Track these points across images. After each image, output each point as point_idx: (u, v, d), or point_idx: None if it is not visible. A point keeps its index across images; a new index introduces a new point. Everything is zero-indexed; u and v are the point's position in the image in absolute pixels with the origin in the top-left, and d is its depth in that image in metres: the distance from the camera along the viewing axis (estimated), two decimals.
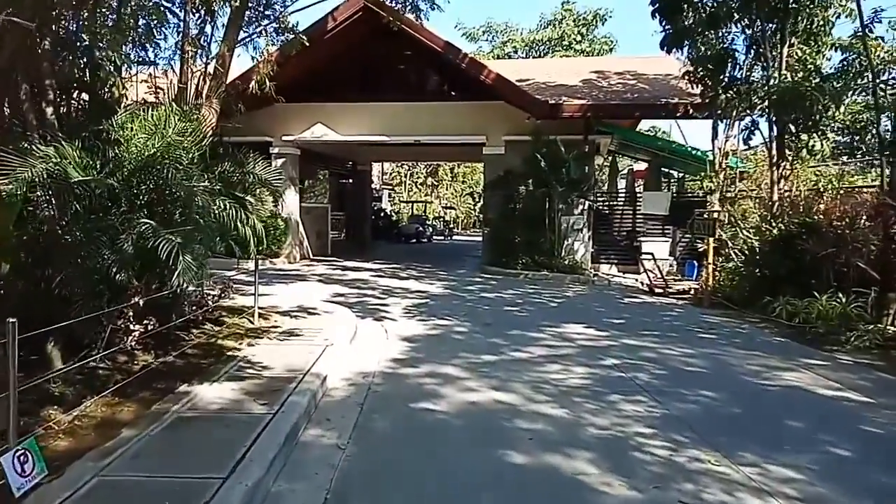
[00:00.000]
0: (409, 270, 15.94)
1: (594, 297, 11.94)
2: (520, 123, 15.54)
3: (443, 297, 11.35)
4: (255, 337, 7.03)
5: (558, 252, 15.02)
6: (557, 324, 8.71)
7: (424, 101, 16.59)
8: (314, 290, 11.75)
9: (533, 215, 15.02)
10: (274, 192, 8.62)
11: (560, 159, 14.38)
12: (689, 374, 6.26)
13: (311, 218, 19.01)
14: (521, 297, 11.40)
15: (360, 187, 23.69)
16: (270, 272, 15.02)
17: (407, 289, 12.32)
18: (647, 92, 15.20)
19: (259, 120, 17.24)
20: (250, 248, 6.74)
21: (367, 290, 12.09)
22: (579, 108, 14.29)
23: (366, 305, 10.18)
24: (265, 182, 7.54)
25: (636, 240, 15.90)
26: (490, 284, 13.32)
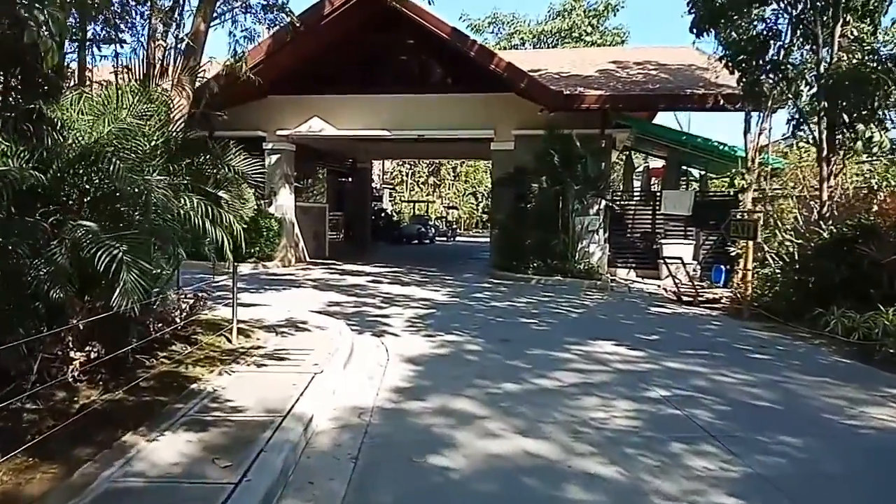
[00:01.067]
0: (411, 275, 14.83)
1: (616, 306, 10.81)
2: (531, 117, 14.43)
3: (450, 307, 10.23)
4: (230, 361, 5.90)
5: (572, 255, 13.91)
6: (583, 340, 7.58)
7: (428, 94, 15.48)
8: (307, 299, 10.64)
9: (545, 215, 13.92)
10: (258, 188, 7.57)
11: (575, 155, 13.26)
12: (757, 411, 5.13)
13: (308, 218, 17.90)
14: (537, 307, 10.28)
15: (360, 186, 22.59)
16: (262, 277, 13.92)
17: (410, 296, 11.20)
18: (670, 82, 14.07)
19: (251, 113, 16.15)
20: (226, 252, 5.59)
21: (366, 297, 10.98)
22: (597, 98, 13.16)
23: (364, 317, 9.07)
24: (245, 176, 6.42)
25: (656, 242, 14.78)
26: (500, 291, 12.20)
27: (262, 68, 14.54)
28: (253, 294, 11.17)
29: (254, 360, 5.95)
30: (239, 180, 6.53)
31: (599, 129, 14.12)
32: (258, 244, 15.27)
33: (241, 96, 15.38)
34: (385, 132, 15.50)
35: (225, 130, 16.32)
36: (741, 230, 9.72)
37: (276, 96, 15.99)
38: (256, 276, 14.00)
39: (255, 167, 6.69)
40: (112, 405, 4.52)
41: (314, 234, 18.54)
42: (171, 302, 6.32)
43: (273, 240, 15.55)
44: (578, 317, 9.52)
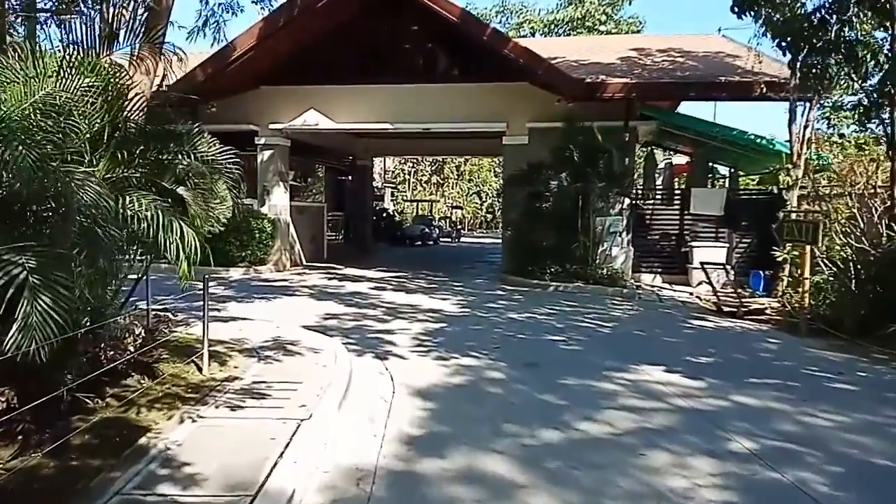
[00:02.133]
0: (417, 280, 13.62)
1: (650, 318, 9.60)
2: (547, 108, 13.22)
3: (462, 319, 9.03)
4: (196, 400, 4.69)
5: (593, 259, 12.70)
6: (625, 364, 6.38)
7: (435, 83, 14.27)
8: (301, 310, 9.44)
9: (563, 216, 12.68)
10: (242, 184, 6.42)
11: (597, 149, 12.04)
12: (879, 474, 3.93)
13: (304, 219, 16.71)
14: (560, 319, 9.07)
15: (361, 185, 21.39)
16: (253, 283, 12.72)
17: (416, 306, 9.99)
18: (700, 70, 12.85)
19: (242, 105, 14.94)
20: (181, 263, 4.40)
21: (367, 308, 9.78)
22: (622, 87, 11.94)
23: (365, 333, 7.86)
24: (217, 168, 5.23)
25: (684, 245, 13.56)
26: (516, 300, 10.99)
27: (253, 55, 13.40)
28: (240, 304, 9.99)
29: (226, 399, 4.73)
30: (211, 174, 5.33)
31: (623, 120, 12.89)
32: (249, 247, 14.09)
33: (231, 86, 14.22)
34: (387, 125, 14.29)
35: (213, 124, 15.07)
36: (797, 232, 8.50)
37: (269, 87, 14.81)
38: (247, 283, 12.80)
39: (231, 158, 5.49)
40: (26, 475, 3.32)
41: (311, 235, 17.34)
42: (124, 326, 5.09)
43: (266, 242, 14.36)
44: (611, 332, 8.30)
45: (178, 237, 4.19)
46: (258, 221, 14.16)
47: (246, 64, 13.51)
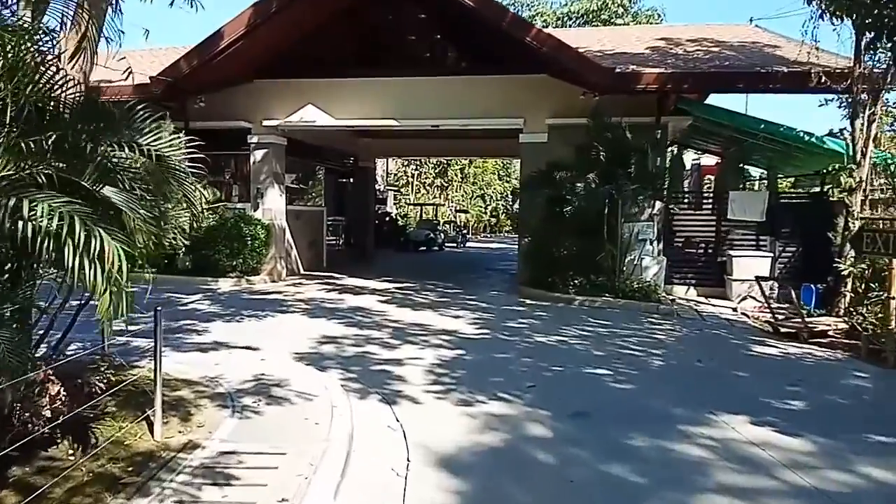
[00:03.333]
0: (425, 292, 12.30)
1: (701, 342, 8.27)
2: (569, 103, 11.91)
3: (482, 344, 7.70)
4: (132, 493, 3.35)
5: (620, 269, 11.38)
6: (698, 412, 5.06)
7: (445, 76, 12.96)
8: (294, 332, 8.12)
9: (587, 222, 11.34)
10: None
11: (628, 148, 10.73)
12: None
13: (302, 224, 15.39)
14: (597, 344, 7.74)
15: (363, 188, 20.08)
16: (244, 296, 11.41)
17: (427, 326, 8.66)
18: (741, 60, 11.54)
19: (233, 100, 13.63)
20: (98, 292, 3.06)
21: (370, 328, 8.45)
22: (657, 77, 10.62)
23: (368, 364, 6.54)
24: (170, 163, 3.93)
25: (721, 254, 12.23)
26: (539, 317, 9.66)
27: (243, 45, 12.08)
28: (226, 324, 8.68)
29: (177, 487, 3.39)
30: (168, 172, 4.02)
31: (654, 116, 11.59)
32: (241, 255, 12.77)
33: (220, 79, 12.93)
34: (392, 122, 12.98)
35: (202, 120, 13.83)
36: (881, 244, 7.17)
37: (262, 80, 13.52)
38: (237, 296, 11.49)
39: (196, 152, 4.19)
40: None
41: (309, 242, 16.03)
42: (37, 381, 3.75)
43: (259, 250, 13.04)
44: (663, 363, 6.96)
45: (93, 257, 2.85)
46: (251, 227, 12.84)
47: (236, 54, 12.22)
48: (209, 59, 11.95)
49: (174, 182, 4.03)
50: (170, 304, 10.38)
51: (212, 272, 12.81)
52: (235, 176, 14.03)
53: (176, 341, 7.29)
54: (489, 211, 47.09)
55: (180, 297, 11.00)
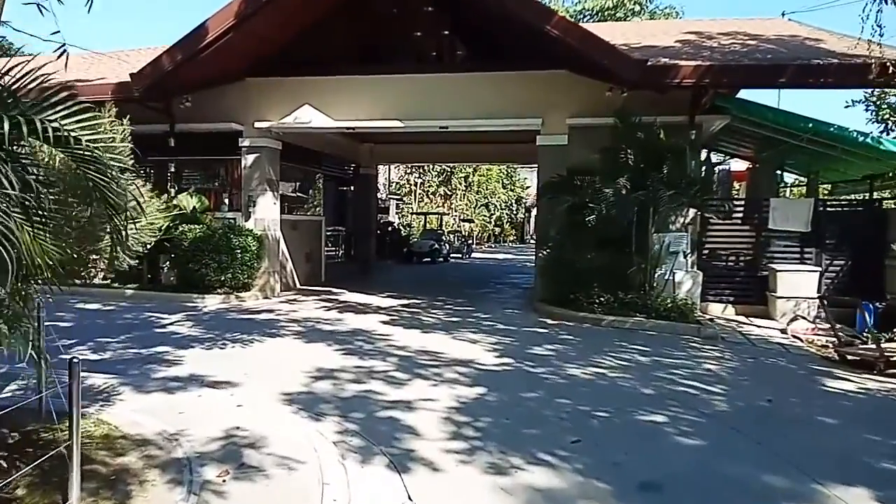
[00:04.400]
0: (433, 310, 11.11)
1: (761, 374, 7.07)
2: (592, 101, 10.81)
3: (506, 379, 6.50)
4: None
5: (650, 285, 10.21)
6: (796, 480, 3.90)
7: (454, 73, 11.84)
8: (284, 363, 6.94)
9: (613, 232, 10.20)
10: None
11: (662, 150, 9.59)
12: None
13: (299, 235, 14.23)
14: (642, 378, 6.54)
15: (364, 196, 18.94)
16: (231, 316, 10.24)
17: (439, 355, 7.46)
18: (783, 53, 10.39)
19: (223, 100, 12.49)
20: None
21: (373, 358, 7.26)
22: (694, 70, 9.47)
23: (372, 409, 5.35)
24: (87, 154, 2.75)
25: (763, 267, 11.03)
26: (566, 342, 8.47)
27: (232, 39, 10.92)
28: (205, 351, 7.50)
29: None
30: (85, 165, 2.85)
31: (687, 114, 10.45)
32: (230, 269, 11.59)
33: (208, 77, 11.82)
34: (396, 123, 11.83)
35: (189, 122, 12.71)
36: None
37: (255, 79, 12.41)
38: (223, 315, 10.31)
39: None
40: None
41: (307, 254, 14.86)
42: None
43: (250, 263, 11.86)
44: (728, 405, 5.73)
45: None
46: (241, 238, 11.67)
47: (225, 49, 11.10)
48: (195, 53, 10.82)
49: (102, 180, 2.84)
50: (146, 325, 9.24)
51: (198, 288, 11.65)
52: (225, 182, 12.89)
53: (140, 377, 6.11)
54: (493, 220, 45.97)
55: (160, 318, 9.84)
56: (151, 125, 12.47)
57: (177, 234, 11.63)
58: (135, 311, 10.47)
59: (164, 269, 12.41)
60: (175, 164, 12.68)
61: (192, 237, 11.49)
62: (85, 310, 10.62)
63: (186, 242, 11.49)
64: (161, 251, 12.15)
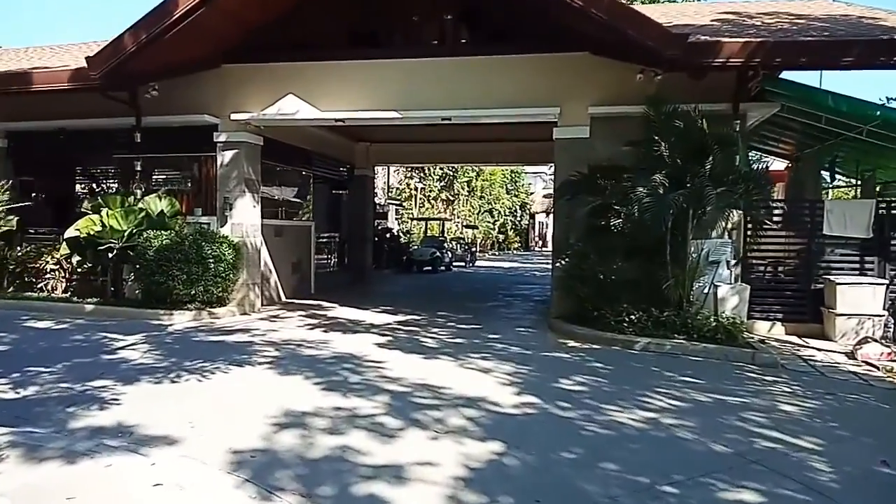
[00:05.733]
0: (434, 329, 9.62)
1: (847, 416, 5.55)
2: (620, 86, 9.40)
3: (530, 429, 4.99)
4: None
5: (688, 301, 8.72)
6: None
7: (458, 56, 10.39)
8: (245, 405, 5.44)
9: (644, 238, 8.76)
10: None
11: (707, 141, 8.12)
12: None
13: (284, 242, 12.77)
14: (707, 426, 5.03)
15: (360, 200, 17.46)
16: (200, 336, 8.76)
17: (442, 392, 5.95)
18: (841, 31, 8.93)
19: (196, 90, 10.99)
20: None
21: (359, 395, 5.75)
22: (742, 49, 8.02)
23: (347, 480, 3.84)
24: None
25: (817, 279, 9.53)
26: (598, 371, 6.95)
27: (205, 17, 9.45)
28: (153, 386, 6.05)
29: None
30: None
31: (730, 102, 8.99)
32: (201, 282, 10.11)
33: (178, 62, 10.37)
34: (392, 114, 10.38)
35: (157, 115, 11.24)
36: None
37: (232, 65, 10.99)
38: (190, 336, 8.82)
39: None
40: None
41: (294, 263, 13.39)
42: None
43: (225, 275, 10.39)
44: (833, 470, 4.21)
45: None
46: (214, 246, 10.20)
47: (196, 29, 9.67)
48: (160, 33, 9.38)
49: None
50: (95, 349, 7.77)
51: (166, 303, 10.18)
52: (200, 183, 11.41)
53: (51, 428, 4.62)
54: (498, 226, 44.54)
55: (114, 339, 8.37)
56: (116, 118, 11.09)
57: (140, 241, 10.19)
58: (89, 331, 9.00)
59: (127, 281, 10.94)
60: (142, 162, 11.21)
61: (157, 245, 10.02)
62: (32, 328, 9.19)
63: (151, 251, 10.02)
64: (125, 261, 10.72)
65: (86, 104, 10.78)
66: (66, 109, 11.26)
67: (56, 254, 11.50)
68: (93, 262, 10.78)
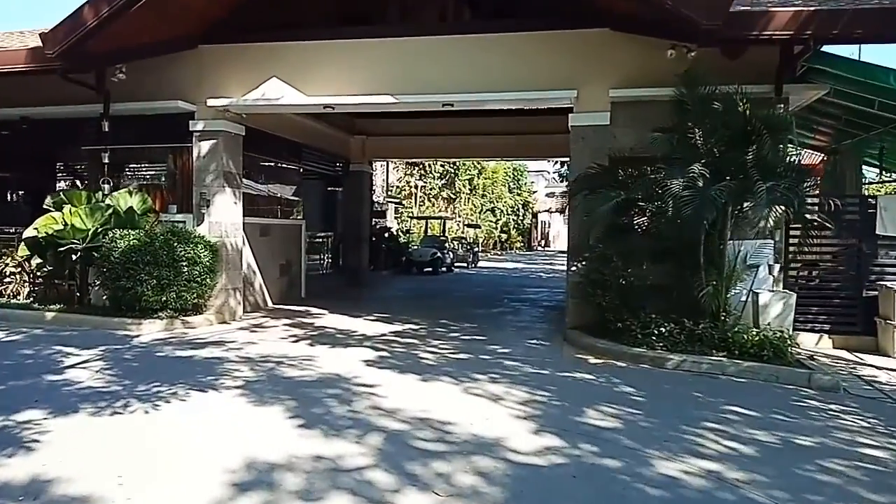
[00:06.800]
0: (435, 341, 8.51)
1: None
2: (645, 65, 8.30)
3: (560, 489, 3.88)
4: None
5: (726, 310, 7.62)
6: None
7: (461, 34, 9.25)
8: (195, 452, 4.31)
9: (673, 238, 7.67)
10: None
11: (754, 127, 7.00)
12: None
13: (271, 242, 11.66)
14: (778, 476, 3.92)
15: (356, 196, 16.33)
16: (166, 351, 7.63)
17: (446, 430, 4.84)
18: None
19: (169, 73, 9.82)
20: None
21: (343, 438, 4.64)
22: (792, 18, 6.90)
23: None
24: None
25: (869, 285, 8.42)
26: (629, 397, 5.84)
27: None
28: (92, 419, 4.96)
29: None
30: None
31: (772, 83, 7.86)
32: (173, 287, 9.00)
33: (149, 43, 9.25)
34: (388, 98, 9.25)
35: (127, 101, 10.12)
36: None
37: (211, 46, 9.85)
38: (155, 350, 7.70)
39: None
40: None
41: (283, 265, 12.29)
42: None
43: (201, 279, 9.27)
44: None
45: None
46: (188, 247, 9.09)
47: (165, 3, 8.58)
48: (124, 5, 8.26)
49: None
50: (40, 367, 6.70)
51: (134, 311, 9.09)
52: (174, 178, 10.30)
53: None
54: (500, 226, 43.41)
55: (68, 355, 7.28)
56: (83, 106, 9.96)
57: (105, 241, 9.08)
58: (42, 344, 7.91)
59: (93, 286, 9.82)
60: (111, 154, 10.07)
61: (123, 246, 8.91)
62: None
63: (116, 253, 8.91)
64: (90, 263, 9.61)
65: (49, 89, 9.69)
66: (29, 96, 10.19)
67: (17, 255, 10.38)
68: (54, 264, 9.67)
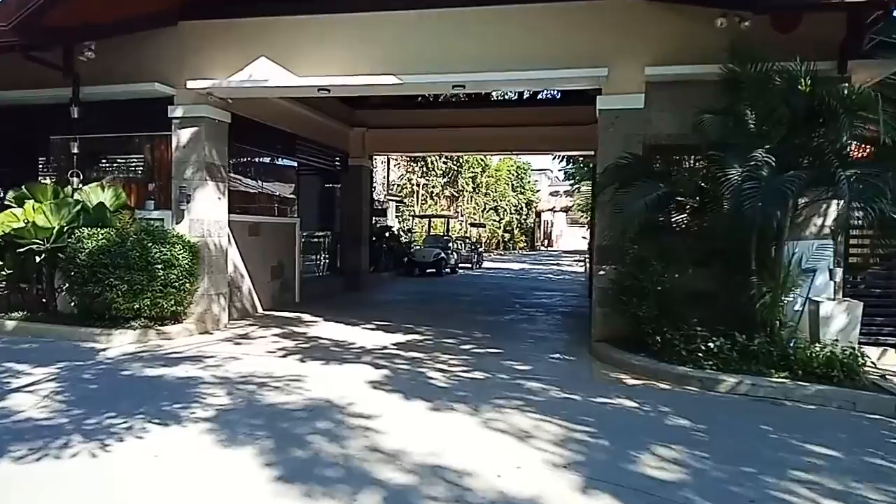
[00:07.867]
0: (444, 354, 7.43)
1: None
2: (687, 38, 7.24)
3: None
4: None
5: (782, 322, 6.56)
6: None
7: (473, 6, 8.15)
8: None
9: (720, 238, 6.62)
10: None
11: (828, 106, 5.94)
12: None
13: (262, 242, 10.60)
14: None
15: (356, 193, 15.25)
16: (134, 367, 6.56)
17: (464, 482, 3.76)
18: None
19: (146, 52, 8.72)
20: None
21: (331, 497, 3.57)
22: None
23: None
24: None
25: None
26: (685, 433, 4.76)
27: None
28: (16, 467, 3.82)
29: None
30: None
31: (835, 59, 6.80)
32: (147, 293, 7.93)
33: (123, 17, 8.19)
34: (391, 79, 8.16)
35: (98, 84, 9.06)
36: None
37: (192, 22, 8.78)
38: (119, 369, 6.62)
39: None
40: None
41: (274, 267, 11.22)
42: None
43: (180, 283, 8.20)
44: None
45: None
46: (164, 247, 8.02)
47: None
48: None
49: None
50: None
51: (104, 320, 8.04)
52: (152, 170, 9.24)
53: None
54: (503, 225, 42.41)
55: (18, 374, 6.25)
56: (49, 90, 8.91)
57: (71, 241, 8.02)
58: None
59: (60, 291, 8.76)
60: (80, 143, 9.01)
61: (90, 247, 7.85)
62: None
63: (83, 254, 7.85)
64: (56, 266, 8.56)
65: (14, 71, 8.63)
66: None
67: None
68: (13, 267, 8.60)
